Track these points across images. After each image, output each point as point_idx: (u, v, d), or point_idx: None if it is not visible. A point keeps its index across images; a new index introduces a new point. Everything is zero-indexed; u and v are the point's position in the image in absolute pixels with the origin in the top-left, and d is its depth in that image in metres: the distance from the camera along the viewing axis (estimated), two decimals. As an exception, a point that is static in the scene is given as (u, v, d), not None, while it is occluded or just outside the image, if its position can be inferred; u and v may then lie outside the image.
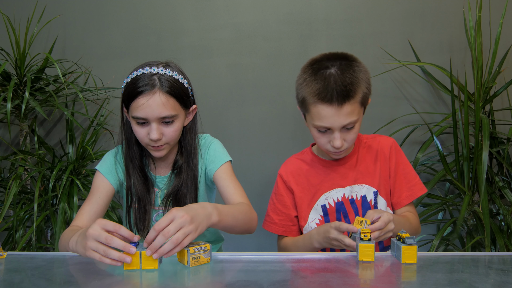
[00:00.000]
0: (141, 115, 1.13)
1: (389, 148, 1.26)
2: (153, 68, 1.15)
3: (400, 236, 0.95)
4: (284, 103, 2.00)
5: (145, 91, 1.11)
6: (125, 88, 1.16)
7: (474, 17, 1.82)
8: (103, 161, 1.27)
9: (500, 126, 1.91)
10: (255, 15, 2.00)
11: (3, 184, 1.87)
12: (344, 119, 1.12)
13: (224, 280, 0.88)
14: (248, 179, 1.96)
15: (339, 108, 1.11)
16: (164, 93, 1.12)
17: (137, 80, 1.13)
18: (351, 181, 1.25)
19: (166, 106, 1.13)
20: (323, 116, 1.13)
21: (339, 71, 1.13)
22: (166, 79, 1.14)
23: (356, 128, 1.17)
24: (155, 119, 1.13)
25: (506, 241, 1.63)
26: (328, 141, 1.17)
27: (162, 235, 0.85)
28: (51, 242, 1.87)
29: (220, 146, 1.31)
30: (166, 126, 1.16)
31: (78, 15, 2.04)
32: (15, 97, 1.86)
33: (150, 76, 1.13)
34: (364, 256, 0.94)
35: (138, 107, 1.12)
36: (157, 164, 1.29)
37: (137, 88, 1.12)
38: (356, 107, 1.14)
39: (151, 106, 1.11)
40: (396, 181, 1.26)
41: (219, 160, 1.24)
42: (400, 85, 1.99)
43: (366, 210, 1.23)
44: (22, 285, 0.83)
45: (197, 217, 0.91)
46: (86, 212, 1.17)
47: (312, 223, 1.25)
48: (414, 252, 0.92)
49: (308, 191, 1.27)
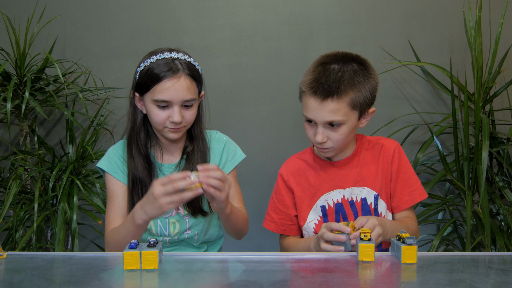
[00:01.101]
0: (166, 98, 1.15)
1: (392, 151, 1.25)
2: (173, 53, 1.18)
3: (400, 236, 0.95)
4: (284, 103, 2.00)
5: (170, 75, 1.14)
6: (143, 74, 1.17)
7: (474, 17, 1.82)
8: (108, 159, 1.26)
9: (500, 126, 1.91)
10: (255, 15, 2.00)
11: (3, 184, 1.87)
12: (326, 115, 1.14)
13: (224, 280, 0.88)
14: (248, 179, 1.96)
15: (322, 102, 1.14)
16: (188, 76, 1.16)
17: (160, 65, 1.15)
18: (352, 183, 1.24)
19: (190, 89, 1.16)
20: (309, 107, 1.17)
21: (338, 69, 1.15)
22: (186, 63, 1.18)
23: (343, 130, 1.16)
24: (178, 102, 1.16)
25: (506, 241, 1.63)
26: (314, 135, 1.19)
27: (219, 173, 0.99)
28: (51, 242, 1.87)
29: (233, 144, 1.33)
30: (186, 110, 1.19)
31: (78, 15, 2.04)
32: (15, 97, 1.86)
33: (172, 61, 1.16)
34: (364, 256, 0.94)
35: (163, 90, 1.14)
36: (165, 152, 1.28)
37: (162, 71, 1.15)
38: (343, 107, 1.14)
39: (177, 89, 1.15)
40: (397, 185, 1.25)
41: (233, 161, 1.29)
42: (400, 85, 1.99)
43: (366, 212, 1.22)
44: (22, 285, 0.83)
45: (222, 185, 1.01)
46: (115, 215, 1.21)
47: (311, 223, 1.25)
48: (414, 252, 0.91)
49: (308, 191, 1.27)
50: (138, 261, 0.89)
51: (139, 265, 0.89)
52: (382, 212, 1.24)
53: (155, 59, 1.17)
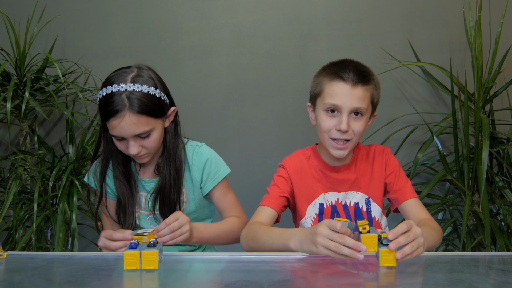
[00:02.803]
0: (116, 134, 1.15)
1: (384, 157, 1.29)
2: (121, 86, 1.13)
3: (380, 236, 0.89)
4: (284, 103, 2.00)
5: (114, 114, 1.12)
6: (99, 105, 1.17)
7: (474, 17, 1.82)
8: (91, 182, 1.31)
9: (500, 126, 1.91)
10: (255, 15, 2.00)
11: (3, 184, 1.87)
12: (355, 101, 1.16)
13: (224, 280, 0.88)
14: (247, 179, 1.96)
15: (353, 87, 1.16)
16: (134, 113, 1.12)
17: (108, 101, 1.13)
18: (347, 188, 1.27)
19: (138, 125, 1.14)
20: (336, 93, 1.17)
21: (357, 65, 1.22)
22: (135, 97, 1.13)
23: (363, 122, 1.19)
24: (130, 137, 1.15)
25: (506, 241, 1.63)
26: (334, 126, 1.18)
27: (169, 229, 1.07)
28: (51, 242, 1.87)
29: (216, 162, 1.31)
30: (144, 139, 1.17)
31: (78, 15, 2.04)
32: (15, 97, 1.86)
33: (119, 96, 1.12)
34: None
35: (113, 127, 1.14)
36: (142, 169, 1.31)
37: (108, 109, 1.13)
38: (367, 96, 1.19)
39: (124, 127, 1.13)
40: (393, 182, 1.27)
41: (213, 180, 1.29)
42: (400, 85, 1.99)
43: (359, 216, 1.25)
44: (22, 285, 0.83)
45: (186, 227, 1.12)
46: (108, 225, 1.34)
47: (308, 219, 1.26)
48: (393, 255, 0.86)
49: (307, 187, 1.28)
50: (138, 261, 0.89)
51: (139, 265, 0.89)
52: (376, 215, 1.27)
53: (105, 92, 1.14)
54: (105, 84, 1.16)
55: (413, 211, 1.22)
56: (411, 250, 0.87)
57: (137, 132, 1.14)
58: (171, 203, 1.25)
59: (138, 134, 1.15)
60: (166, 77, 1.27)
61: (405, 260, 0.87)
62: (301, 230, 1.03)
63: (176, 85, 1.26)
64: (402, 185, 1.26)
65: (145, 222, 1.30)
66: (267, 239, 1.09)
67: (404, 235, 0.88)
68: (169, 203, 1.25)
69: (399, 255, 0.86)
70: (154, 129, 1.18)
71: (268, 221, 1.21)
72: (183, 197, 1.28)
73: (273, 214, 1.23)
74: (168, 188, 1.24)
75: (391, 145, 1.93)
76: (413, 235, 0.88)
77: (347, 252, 0.88)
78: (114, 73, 1.18)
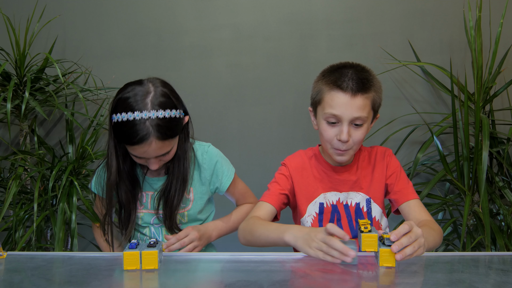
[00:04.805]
0: (139, 155, 1.16)
1: (385, 158, 1.30)
2: (144, 113, 1.11)
3: (382, 237, 0.90)
4: (284, 103, 2.00)
5: (140, 142, 1.11)
6: (117, 128, 1.14)
7: (474, 17, 1.82)
8: (98, 183, 1.33)
9: (500, 126, 1.91)
10: (255, 15, 2.00)
11: (3, 184, 1.87)
12: (355, 110, 1.15)
13: (224, 280, 0.88)
14: (247, 179, 1.95)
15: (352, 97, 1.15)
16: (160, 140, 1.13)
17: (130, 129, 1.11)
18: (348, 188, 1.28)
19: (163, 148, 1.16)
20: (336, 103, 1.16)
21: (356, 71, 1.20)
22: (160, 124, 1.12)
23: (363, 130, 1.19)
24: (152, 157, 1.17)
25: (506, 241, 1.63)
26: (335, 135, 1.18)
27: (179, 243, 1.20)
28: (51, 242, 1.87)
29: (225, 162, 1.36)
30: (163, 156, 1.19)
31: (78, 15, 2.04)
32: (15, 97, 1.85)
33: (143, 124, 1.10)
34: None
35: (134, 150, 1.15)
36: (150, 170, 1.30)
37: (131, 138, 1.11)
38: (367, 104, 1.18)
39: (148, 152, 1.14)
40: (394, 183, 1.27)
41: (227, 178, 1.35)
42: (400, 85, 1.99)
43: (359, 216, 1.26)
44: (22, 285, 0.83)
45: (203, 236, 1.27)
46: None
47: (309, 218, 1.27)
48: (392, 255, 0.87)
49: (308, 185, 1.29)
50: (138, 261, 0.89)
51: (139, 265, 0.89)
52: (377, 216, 1.27)
53: (126, 118, 1.11)
54: (122, 107, 1.13)
55: (413, 212, 1.23)
56: (412, 251, 0.88)
57: (161, 153, 1.17)
58: (174, 203, 1.27)
59: (160, 155, 1.17)
60: (166, 77, 1.27)
61: (404, 260, 0.88)
62: (298, 227, 1.06)
63: (176, 85, 1.26)
64: (402, 186, 1.26)
65: (149, 222, 1.32)
66: (263, 231, 1.12)
67: (406, 236, 0.89)
68: (172, 203, 1.26)
69: (399, 256, 0.87)
70: (174, 146, 1.21)
71: (266, 216, 1.23)
72: (190, 195, 1.31)
73: (272, 210, 1.25)
74: (174, 187, 1.26)
75: (391, 145, 1.93)
76: (415, 235, 0.89)
77: (335, 254, 0.91)
78: (128, 94, 1.14)
